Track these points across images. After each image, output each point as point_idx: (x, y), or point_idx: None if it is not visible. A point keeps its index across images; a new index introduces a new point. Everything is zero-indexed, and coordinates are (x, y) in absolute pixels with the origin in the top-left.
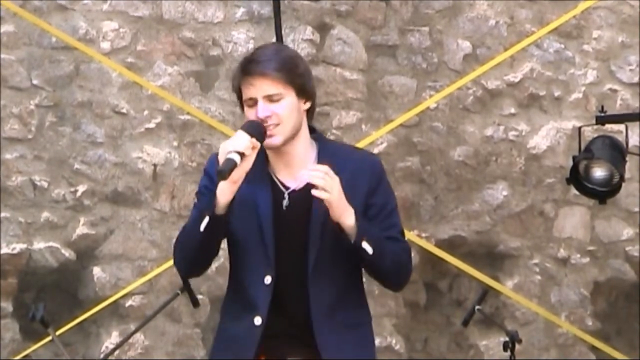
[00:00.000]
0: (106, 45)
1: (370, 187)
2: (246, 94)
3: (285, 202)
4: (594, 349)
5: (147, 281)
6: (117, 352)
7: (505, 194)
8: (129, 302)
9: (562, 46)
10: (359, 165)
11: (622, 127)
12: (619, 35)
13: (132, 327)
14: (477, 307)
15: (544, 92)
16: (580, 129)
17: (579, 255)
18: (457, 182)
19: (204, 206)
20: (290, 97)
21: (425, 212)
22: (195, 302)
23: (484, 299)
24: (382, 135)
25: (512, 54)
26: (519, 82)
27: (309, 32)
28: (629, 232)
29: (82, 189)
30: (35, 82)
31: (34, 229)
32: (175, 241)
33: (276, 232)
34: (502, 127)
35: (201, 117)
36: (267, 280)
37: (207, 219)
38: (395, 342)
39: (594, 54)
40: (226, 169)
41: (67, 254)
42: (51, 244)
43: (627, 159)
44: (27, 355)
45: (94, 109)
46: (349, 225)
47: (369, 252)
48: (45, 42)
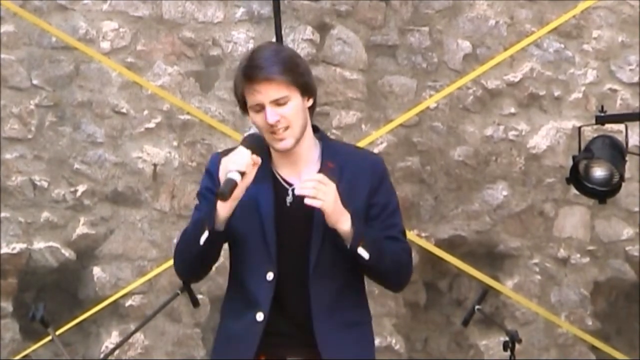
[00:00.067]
0: (106, 45)
1: (372, 186)
2: (252, 100)
3: (288, 199)
4: (594, 348)
5: (147, 281)
6: (117, 352)
7: (505, 193)
8: (129, 302)
9: (562, 46)
10: (361, 164)
11: (622, 126)
12: (619, 35)
13: (132, 327)
14: (477, 307)
15: (543, 92)
16: (580, 128)
17: (579, 255)
18: (457, 182)
19: (204, 216)
20: (296, 98)
21: (425, 212)
22: (195, 302)
23: (484, 298)
24: (382, 135)
25: (512, 54)
26: (518, 82)
27: (309, 32)
28: (629, 231)
29: (82, 188)
30: (35, 82)
31: (34, 229)
32: (175, 245)
33: (278, 229)
34: (502, 127)
35: (201, 117)
36: (269, 277)
37: (207, 234)
38: (395, 342)
39: (593, 53)
40: (227, 191)
41: (67, 253)
42: (51, 243)
43: (627, 158)
44: (27, 355)
45: (94, 108)
46: (345, 230)
47: (365, 257)
48: (45, 42)
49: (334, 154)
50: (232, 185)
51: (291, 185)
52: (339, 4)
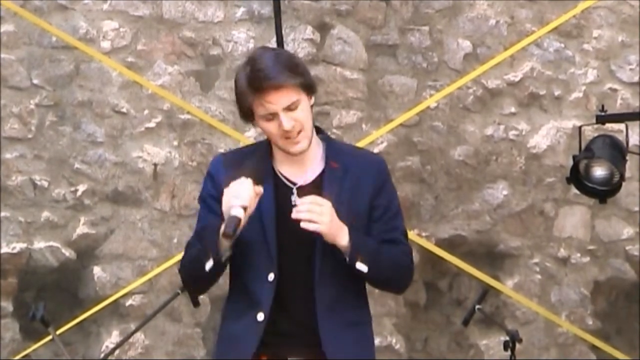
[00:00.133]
0: (106, 44)
1: (375, 187)
2: (263, 110)
3: (293, 198)
4: (594, 348)
5: (147, 281)
6: (117, 351)
7: (505, 193)
8: (129, 302)
9: (562, 45)
10: (365, 165)
11: (622, 126)
12: (619, 34)
13: (132, 326)
14: (477, 307)
15: (544, 92)
16: (580, 128)
17: (579, 254)
18: (458, 181)
19: (208, 244)
20: (304, 99)
21: (425, 212)
22: (195, 302)
23: (484, 298)
24: (382, 134)
25: (512, 54)
26: (519, 82)
27: (309, 31)
28: (629, 231)
29: (82, 188)
30: (35, 81)
31: (34, 229)
32: (181, 260)
33: (280, 229)
34: (502, 127)
35: (201, 117)
36: (270, 277)
37: (212, 263)
38: (395, 341)
39: (594, 53)
40: (231, 231)
41: (68, 253)
42: (51, 243)
43: (627, 158)
44: (27, 354)
45: (94, 108)
46: (343, 245)
47: (364, 271)
48: (45, 41)
49: (337, 153)
50: (236, 224)
51: (295, 184)
52: (339, 3)
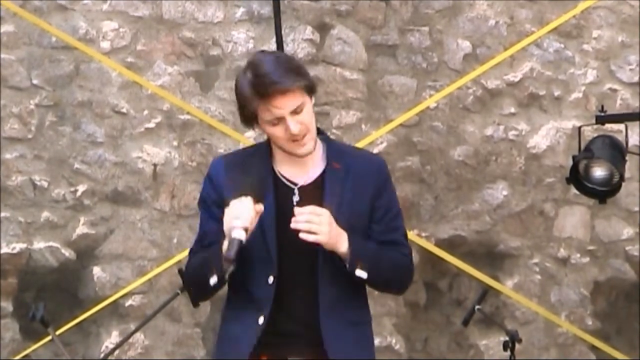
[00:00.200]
0: (106, 45)
1: (376, 188)
2: (269, 115)
3: (295, 198)
4: (594, 348)
5: (147, 281)
6: (117, 351)
7: (505, 193)
8: (129, 302)
9: (562, 46)
10: (366, 166)
11: (622, 126)
12: (618, 35)
13: (132, 326)
14: (477, 307)
15: (543, 92)
16: (580, 128)
17: (579, 254)
18: (457, 181)
19: (212, 259)
20: (307, 101)
21: (425, 212)
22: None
23: (484, 298)
24: (382, 135)
25: (512, 54)
26: (519, 82)
27: (308, 31)
28: (629, 231)
29: (82, 188)
30: (35, 81)
31: (34, 229)
32: (185, 268)
33: (281, 230)
34: (502, 127)
35: (201, 117)
36: (270, 280)
37: (216, 279)
38: (395, 341)
39: (593, 53)
40: (233, 255)
41: (67, 253)
42: (51, 243)
43: (627, 158)
44: (27, 355)
45: (94, 108)
46: (343, 252)
47: (364, 277)
48: (45, 41)
49: (338, 154)
50: (238, 247)
51: (296, 184)
52: (339, 3)
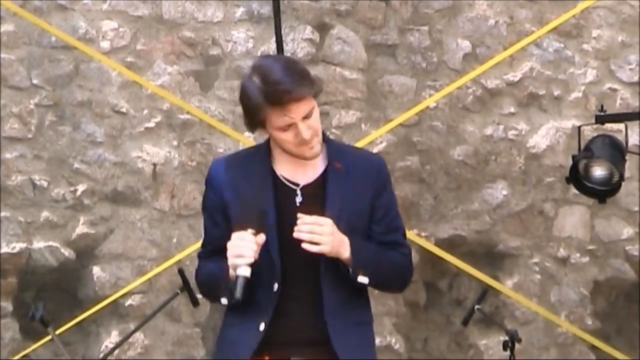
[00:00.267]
0: (106, 44)
1: (376, 188)
2: (281, 122)
3: (298, 199)
4: (594, 348)
5: (147, 280)
6: (116, 351)
7: (505, 193)
8: (129, 302)
9: (562, 45)
10: (365, 165)
11: (621, 126)
12: (618, 34)
13: (132, 326)
14: (476, 307)
15: (543, 92)
16: (579, 128)
17: (578, 254)
18: (457, 181)
19: (220, 277)
20: (315, 105)
21: (425, 212)
22: (195, 302)
23: (483, 298)
24: (382, 134)
25: (511, 54)
26: (518, 82)
27: (308, 31)
28: (628, 231)
29: (81, 188)
30: (35, 81)
31: (34, 229)
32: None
33: (282, 230)
34: (501, 127)
35: (201, 117)
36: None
37: (226, 301)
38: (395, 341)
39: (593, 53)
40: (240, 294)
41: (67, 253)
42: (51, 243)
43: (627, 158)
44: (27, 354)
45: (94, 108)
46: (345, 258)
47: (365, 283)
48: (45, 41)
49: (339, 154)
50: (244, 284)
51: (298, 185)
52: (338, 3)
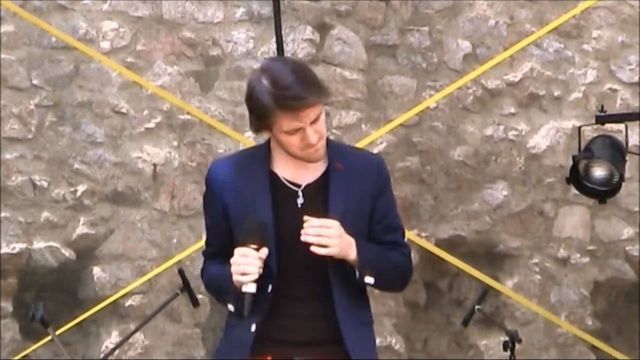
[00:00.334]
0: (106, 45)
1: (376, 189)
2: (289, 126)
3: (299, 200)
4: (594, 348)
5: (147, 281)
6: (117, 351)
7: (505, 193)
8: (129, 302)
9: (562, 46)
10: (365, 165)
11: (622, 126)
12: (618, 35)
13: (132, 326)
14: (477, 307)
15: (543, 92)
16: (580, 128)
17: (578, 255)
18: (457, 181)
19: (226, 288)
20: (322, 110)
21: (425, 212)
22: (195, 302)
23: (483, 298)
24: (382, 135)
25: (511, 54)
26: (518, 82)
27: (308, 32)
28: (629, 231)
29: (82, 188)
30: (35, 82)
31: (34, 229)
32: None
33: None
34: (502, 127)
35: (201, 117)
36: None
37: (233, 308)
38: (395, 341)
39: (593, 53)
40: (247, 312)
41: (67, 253)
42: (51, 243)
43: (627, 158)
44: (27, 355)
45: (94, 108)
46: (352, 259)
47: (371, 283)
48: (45, 42)
49: (339, 154)
50: (250, 301)
51: (299, 186)
52: (339, 4)
